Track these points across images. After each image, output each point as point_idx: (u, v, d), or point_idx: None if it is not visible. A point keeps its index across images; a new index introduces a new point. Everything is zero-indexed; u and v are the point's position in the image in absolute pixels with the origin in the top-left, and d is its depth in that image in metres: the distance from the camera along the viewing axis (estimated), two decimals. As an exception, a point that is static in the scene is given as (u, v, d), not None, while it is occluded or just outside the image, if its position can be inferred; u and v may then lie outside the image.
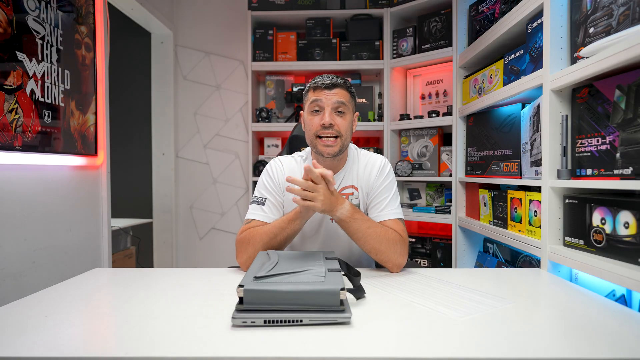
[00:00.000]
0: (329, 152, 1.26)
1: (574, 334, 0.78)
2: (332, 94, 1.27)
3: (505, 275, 1.24)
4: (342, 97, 1.27)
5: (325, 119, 1.25)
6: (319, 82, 1.28)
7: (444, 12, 2.42)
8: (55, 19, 1.66)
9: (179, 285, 1.10)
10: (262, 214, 1.29)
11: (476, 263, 2.15)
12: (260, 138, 3.00)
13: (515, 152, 1.62)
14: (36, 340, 0.74)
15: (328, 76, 1.30)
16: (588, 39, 1.17)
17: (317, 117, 1.27)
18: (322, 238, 1.35)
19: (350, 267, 1.02)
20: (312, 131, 1.28)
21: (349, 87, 1.31)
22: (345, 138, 1.28)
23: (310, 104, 1.29)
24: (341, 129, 1.26)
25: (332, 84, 1.27)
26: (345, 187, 1.35)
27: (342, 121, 1.27)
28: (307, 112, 1.31)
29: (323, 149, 1.27)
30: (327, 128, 1.25)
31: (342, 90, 1.28)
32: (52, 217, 1.69)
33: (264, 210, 1.29)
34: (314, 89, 1.29)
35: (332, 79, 1.28)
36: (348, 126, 1.29)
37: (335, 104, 1.26)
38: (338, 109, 1.27)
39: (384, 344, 0.73)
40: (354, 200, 1.34)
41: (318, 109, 1.27)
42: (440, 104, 2.62)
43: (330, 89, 1.27)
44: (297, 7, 2.79)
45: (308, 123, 1.30)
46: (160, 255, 3.06)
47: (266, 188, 1.33)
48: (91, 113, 1.93)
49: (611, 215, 1.04)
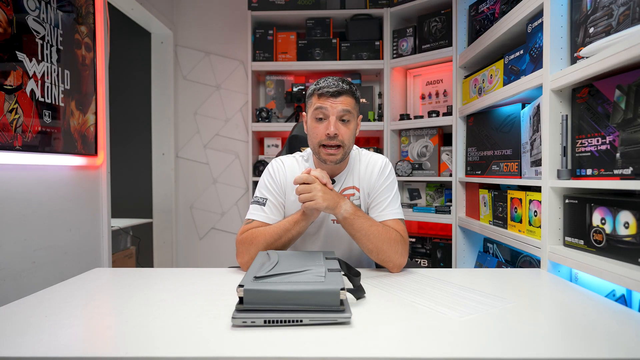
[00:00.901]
0: (332, 160, 1.25)
1: (574, 334, 0.78)
2: (337, 102, 1.23)
3: (505, 275, 1.24)
4: (347, 105, 1.24)
5: (331, 130, 1.22)
6: (325, 89, 1.24)
7: (444, 12, 2.42)
8: (55, 19, 1.66)
9: (179, 285, 1.10)
10: (263, 214, 1.29)
11: (476, 263, 2.15)
12: (260, 138, 3.00)
13: (515, 152, 1.62)
14: (36, 340, 0.74)
15: (334, 81, 1.25)
16: (588, 39, 1.17)
17: (322, 126, 1.24)
18: (323, 239, 1.35)
19: (350, 267, 1.02)
20: (317, 139, 1.26)
21: (354, 92, 1.28)
22: (348, 146, 1.27)
23: (315, 111, 1.25)
24: (345, 138, 1.24)
25: (337, 92, 1.23)
26: (346, 187, 1.35)
27: (347, 130, 1.25)
28: (311, 117, 1.27)
29: (326, 157, 1.25)
30: (332, 138, 1.23)
31: (348, 97, 1.25)
32: (52, 217, 1.69)
33: (265, 211, 1.29)
34: (319, 95, 1.25)
35: (339, 85, 1.24)
36: (352, 134, 1.27)
37: (341, 112, 1.23)
38: (343, 117, 1.24)
39: (384, 344, 0.73)
40: (355, 200, 1.34)
41: (322, 117, 1.24)
42: (440, 104, 2.62)
43: (336, 97, 1.23)
44: (297, 7, 2.79)
45: (312, 130, 1.27)
46: (160, 255, 3.06)
47: (267, 188, 1.32)
48: (91, 113, 1.93)
49: (611, 215, 1.04)
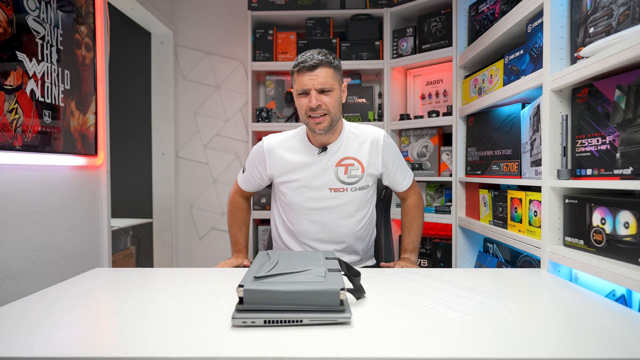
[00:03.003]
0: (320, 128, 1.35)
1: (574, 334, 0.78)
2: (315, 75, 1.31)
3: (505, 275, 1.24)
4: (325, 77, 1.31)
5: (313, 103, 1.31)
6: (302, 64, 1.32)
7: (444, 12, 2.42)
8: (55, 19, 1.66)
9: (179, 285, 1.10)
10: (243, 181, 1.58)
11: (476, 263, 2.15)
12: (260, 138, 2.97)
13: (515, 152, 1.62)
14: (36, 340, 0.74)
15: (310, 55, 1.32)
16: (588, 39, 1.17)
17: (305, 99, 1.34)
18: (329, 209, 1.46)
19: (350, 267, 1.02)
20: (303, 112, 1.36)
21: (331, 61, 1.34)
22: (334, 113, 1.35)
23: (297, 87, 1.35)
24: (329, 106, 1.33)
25: (313, 65, 1.30)
26: (344, 157, 1.42)
27: (329, 99, 1.33)
28: (295, 94, 1.37)
29: (315, 126, 1.35)
30: (315, 109, 1.31)
31: (325, 67, 1.32)
32: (52, 217, 1.69)
33: (243, 178, 1.58)
34: (298, 72, 1.33)
35: (314, 58, 1.31)
36: (335, 102, 1.35)
37: (319, 85, 1.31)
38: (323, 89, 1.31)
39: (384, 344, 0.73)
40: (354, 170, 1.42)
41: (304, 92, 1.33)
42: (440, 104, 2.62)
43: (313, 70, 1.31)
44: (297, 7, 2.79)
45: (298, 104, 1.38)
46: (160, 255, 3.05)
47: (249, 165, 1.54)
48: (91, 113, 1.93)
49: (611, 215, 1.04)
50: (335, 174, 1.42)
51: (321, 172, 1.42)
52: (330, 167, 1.42)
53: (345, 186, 1.43)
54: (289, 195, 1.46)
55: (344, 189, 1.43)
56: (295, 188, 1.45)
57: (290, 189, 1.46)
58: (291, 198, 1.46)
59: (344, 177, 1.42)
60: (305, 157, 1.44)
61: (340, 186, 1.43)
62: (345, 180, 1.43)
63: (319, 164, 1.42)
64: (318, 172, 1.43)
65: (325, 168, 1.42)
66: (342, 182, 1.43)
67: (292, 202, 1.46)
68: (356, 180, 1.43)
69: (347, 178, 1.42)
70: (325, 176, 1.42)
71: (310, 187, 1.43)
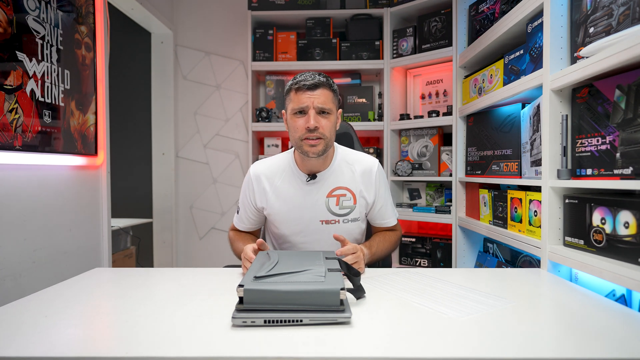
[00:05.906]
0: (314, 151, 1.27)
1: (574, 334, 0.78)
2: (315, 95, 1.24)
3: (505, 275, 1.24)
4: (325, 98, 1.26)
5: (311, 123, 1.23)
6: (302, 82, 1.25)
7: (444, 12, 2.42)
8: (55, 19, 1.66)
9: (179, 285, 1.10)
10: (238, 221, 1.49)
11: (476, 263, 2.15)
12: (260, 138, 3.00)
13: (515, 152, 1.62)
14: (36, 340, 0.74)
15: (310, 75, 1.27)
16: (588, 38, 1.17)
17: (302, 120, 1.26)
18: (315, 242, 1.39)
19: (350, 267, 1.02)
20: (297, 134, 1.27)
21: (332, 85, 1.29)
22: (329, 139, 1.28)
23: (293, 106, 1.27)
24: (325, 131, 1.26)
25: (314, 85, 1.24)
26: (336, 187, 1.36)
27: (327, 122, 1.26)
28: (290, 113, 1.29)
29: (308, 149, 1.27)
30: (312, 131, 1.24)
31: (325, 89, 1.26)
32: (52, 217, 1.69)
33: (238, 218, 1.48)
34: (296, 90, 1.26)
35: (315, 78, 1.25)
36: (332, 127, 1.29)
37: (319, 105, 1.24)
38: (322, 110, 1.25)
39: (384, 344, 0.73)
40: (346, 201, 1.36)
41: (301, 111, 1.26)
42: (440, 104, 2.62)
43: (313, 90, 1.24)
44: (297, 7, 2.79)
45: (292, 125, 1.29)
46: (160, 255, 3.05)
47: (241, 200, 1.46)
48: (91, 113, 1.93)
49: (611, 215, 1.04)
50: (327, 205, 1.35)
51: (312, 203, 1.35)
52: (321, 198, 1.35)
53: (337, 218, 1.35)
54: (280, 227, 1.39)
55: (335, 220, 1.35)
56: (285, 221, 1.38)
57: (280, 221, 1.38)
58: (282, 231, 1.39)
59: (336, 209, 1.35)
60: (294, 185, 1.36)
61: (332, 218, 1.35)
62: (337, 212, 1.35)
63: (309, 195, 1.35)
64: (309, 203, 1.35)
65: (315, 199, 1.35)
66: (333, 214, 1.35)
67: (282, 234, 1.40)
68: (348, 212, 1.36)
69: (339, 209, 1.35)
70: (315, 208, 1.35)
71: (301, 220, 1.36)
